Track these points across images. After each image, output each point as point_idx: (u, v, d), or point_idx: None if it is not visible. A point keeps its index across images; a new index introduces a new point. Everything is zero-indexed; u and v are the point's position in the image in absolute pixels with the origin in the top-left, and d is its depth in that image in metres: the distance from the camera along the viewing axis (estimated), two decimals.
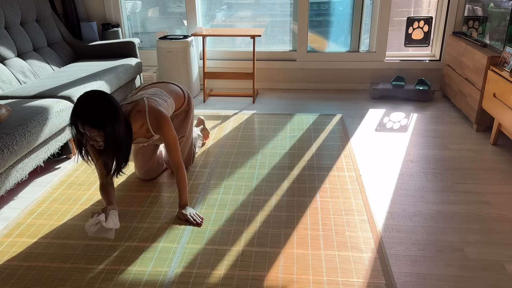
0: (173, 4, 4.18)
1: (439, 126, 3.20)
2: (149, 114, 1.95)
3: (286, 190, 2.33)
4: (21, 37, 3.19)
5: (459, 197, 2.25)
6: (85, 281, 1.69)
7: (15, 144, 2.08)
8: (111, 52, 3.73)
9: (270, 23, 4.16)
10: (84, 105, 1.65)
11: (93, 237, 1.95)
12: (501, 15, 2.91)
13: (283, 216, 2.09)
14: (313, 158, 2.69)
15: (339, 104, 3.73)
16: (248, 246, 1.88)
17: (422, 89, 3.72)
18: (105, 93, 1.72)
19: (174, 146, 2.02)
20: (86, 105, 1.65)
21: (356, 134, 3.07)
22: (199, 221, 2.03)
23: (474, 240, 1.91)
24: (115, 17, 4.10)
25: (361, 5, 4.00)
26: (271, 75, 4.17)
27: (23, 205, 2.25)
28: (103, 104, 1.68)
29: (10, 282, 1.69)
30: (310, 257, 1.80)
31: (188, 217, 2.05)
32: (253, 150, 2.83)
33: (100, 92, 1.70)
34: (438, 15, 3.96)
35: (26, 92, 2.73)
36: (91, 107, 1.65)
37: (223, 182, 2.43)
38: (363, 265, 1.75)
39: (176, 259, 1.81)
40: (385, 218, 2.08)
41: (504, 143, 2.89)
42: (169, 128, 1.98)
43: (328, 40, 4.16)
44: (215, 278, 1.70)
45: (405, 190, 2.33)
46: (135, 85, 3.69)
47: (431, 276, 1.69)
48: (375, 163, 2.63)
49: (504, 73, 2.65)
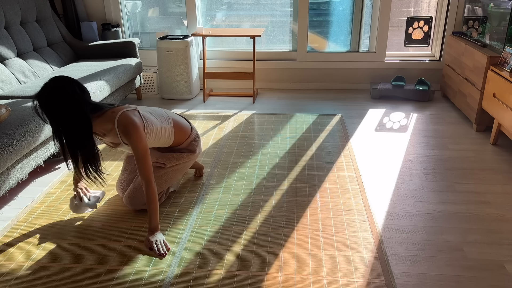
0: (173, 4, 4.18)
1: (439, 126, 3.20)
2: (119, 118, 1.83)
3: (286, 190, 2.33)
4: (21, 37, 3.19)
5: (459, 197, 2.25)
6: (85, 281, 1.69)
7: (15, 144, 2.08)
8: (111, 52, 3.73)
9: (270, 23, 4.16)
10: (45, 94, 1.70)
11: (93, 237, 1.95)
12: (501, 15, 2.91)
13: (283, 216, 2.09)
14: (313, 158, 2.69)
15: (339, 104, 3.73)
16: (248, 246, 1.88)
17: (422, 89, 3.72)
18: (67, 83, 1.72)
19: (143, 158, 1.84)
20: (46, 95, 1.70)
21: (356, 134, 3.07)
22: (163, 252, 1.82)
23: (474, 240, 1.91)
24: (115, 17, 4.10)
25: (361, 5, 4.00)
26: (271, 75, 4.17)
27: (23, 205, 2.25)
28: (59, 97, 1.69)
29: (11, 282, 1.69)
30: (310, 257, 1.80)
31: (153, 245, 1.84)
32: (253, 150, 2.83)
33: (62, 82, 1.71)
34: (438, 15, 3.96)
35: (26, 92, 2.73)
36: (49, 97, 1.69)
37: (223, 182, 2.44)
38: (363, 265, 1.75)
39: (176, 259, 1.81)
40: (385, 218, 2.08)
41: (504, 143, 2.89)
42: (137, 137, 1.83)
43: (328, 40, 4.16)
44: (215, 278, 1.70)
45: (405, 190, 2.33)
46: (135, 85, 3.69)
47: (431, 276, 1.70)
48: (375, 163, 2.63)
49: (504, 73, 2.65)
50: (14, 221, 2.09)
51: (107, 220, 2.08)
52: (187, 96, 3.89)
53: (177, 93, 3.86)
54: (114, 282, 1.68)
